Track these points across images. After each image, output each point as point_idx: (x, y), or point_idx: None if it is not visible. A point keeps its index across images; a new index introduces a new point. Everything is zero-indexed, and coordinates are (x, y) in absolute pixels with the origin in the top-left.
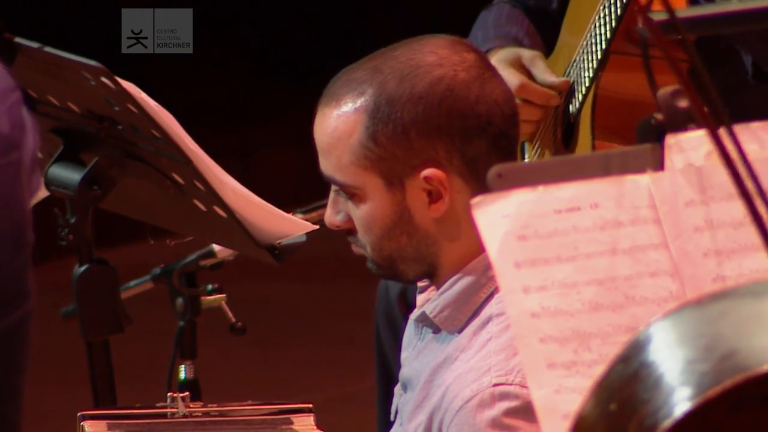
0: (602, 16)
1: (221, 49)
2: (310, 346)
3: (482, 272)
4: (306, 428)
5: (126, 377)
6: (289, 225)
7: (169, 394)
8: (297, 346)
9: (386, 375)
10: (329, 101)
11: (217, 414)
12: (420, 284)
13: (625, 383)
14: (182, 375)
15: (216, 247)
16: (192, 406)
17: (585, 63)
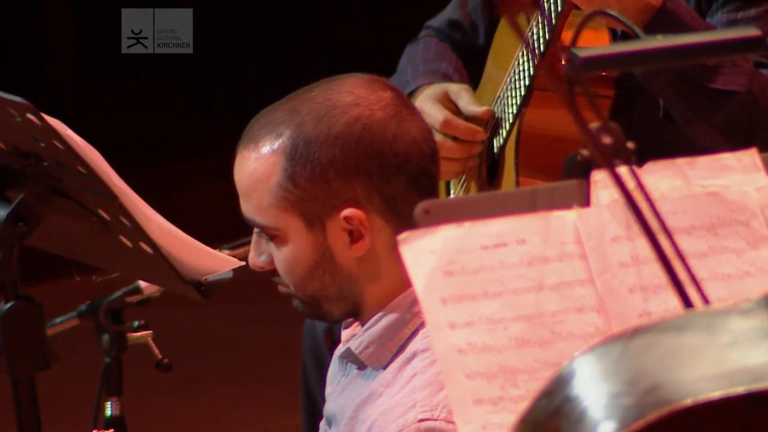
0: (526, 53)
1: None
2: (238, 383)
3: (407, 308)
4: None
5: (52, 414)
6: (216, 261)
7: (95, 431)
8: (224, 383)
9: (312, 410)
10: (248, 143)
11: None
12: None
13: (549, 418)
14: (108, 412)
15: (142, 284)
16: None
17: (509, 99)
